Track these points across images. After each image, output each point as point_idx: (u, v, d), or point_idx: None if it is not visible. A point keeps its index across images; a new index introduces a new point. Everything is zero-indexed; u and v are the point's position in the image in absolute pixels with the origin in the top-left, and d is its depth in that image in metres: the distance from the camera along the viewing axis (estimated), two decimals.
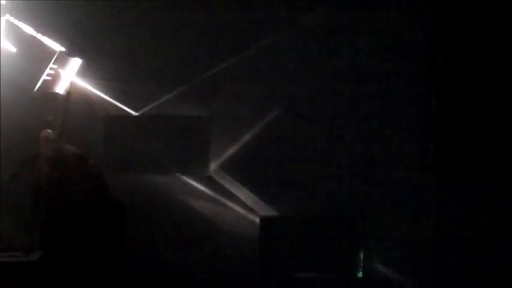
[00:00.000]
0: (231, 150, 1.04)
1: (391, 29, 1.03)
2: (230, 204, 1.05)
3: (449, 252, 1.04)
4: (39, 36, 1.01)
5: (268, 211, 1.05)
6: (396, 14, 1.03)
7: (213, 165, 1.04)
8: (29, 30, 1.00)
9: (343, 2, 1.03)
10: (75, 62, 1.03)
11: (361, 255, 1.03)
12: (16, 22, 1.00)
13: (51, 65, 1.01)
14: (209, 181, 1.05)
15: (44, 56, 1.01)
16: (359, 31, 1.03)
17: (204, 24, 1.03)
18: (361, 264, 1.03)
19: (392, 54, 1.03)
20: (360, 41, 1.03)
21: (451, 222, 1.04)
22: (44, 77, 1.01)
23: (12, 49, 1.00)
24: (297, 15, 1.03)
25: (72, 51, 1.02)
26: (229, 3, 1.03)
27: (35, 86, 1.01)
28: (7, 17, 0.99)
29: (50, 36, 1.01)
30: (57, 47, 1.02)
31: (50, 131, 0.71)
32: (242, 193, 1.05)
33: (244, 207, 1.05)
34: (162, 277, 1.05)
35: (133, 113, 1.05)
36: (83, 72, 1.03)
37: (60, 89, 1.03)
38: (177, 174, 1.05)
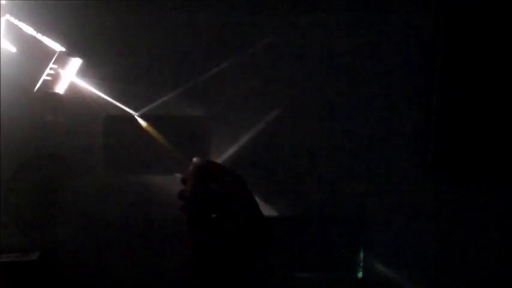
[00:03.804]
0: (231, 150, 1.04)
1: (391, 29, 1.03)
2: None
3: (449, 252, 1.04)
4: (39, 36, 1.01)
5: (268, 211, 1.05)
6: (396, 14, 1.03)
7: None
8: (29, 30, 1.00)
9: (343, 3, 1.03)
10: (75, 62, 1.03)
11: (361, 255, 1.04)
12: (16, 22, 1.00)
13: (51, 65, 1.01)
14: None
15: (44, 56, 1.01)
16: (359, 31, 1.03)
17: (204, 24, 1.03)
18: (361, 264, 1.03)
19: (392, 54, 1.03)
20: (360, 41, 1.03)
21: (451, 222, 1.04)
22: (44, 77, 1.01)
23: (12, 49, 1.00)
24: (296, 16, 1.03)
25: (72, 51, 1.02)
26: (228, 3, 1.03)
27: (35, 86, 1.01)
28: (7, 17, 0.99)
29: (50, 36, 1.01)
30: (57, 47, 1.02)
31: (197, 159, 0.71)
32: None
33: None
34: (161, 277, 1.05)
35: (133, 113, 1.05)
36: (83, 72, 1.03)
37: (60, 89, 1.03)
38: (177, 174, 1.05)
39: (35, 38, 1.00)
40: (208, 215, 0.64)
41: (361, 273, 1.03)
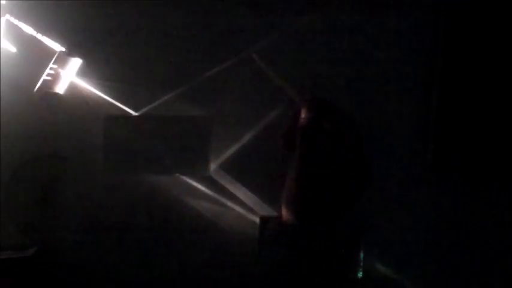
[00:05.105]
0: (231, 150, 1.04)
1: (391, 29, 1.03)
2: (230, 204, 1.05)
3: (449, 252, 1.04)
4: (39, 36, 1.01)
5: (268, 211, 1.05)
6: (396, 15, 1.03)
7: (213, 165, 1.04)
8: (29, 30, 1.01)
9: (343, 3, 1.03)
10: (75, 62, 1.03)
11: (361, 255, 1.03)
12: (16, 22, 1.00)
13: (51, 65, 1.01)
14: (209, 181, 1.05)
15: (44, 56, 1.01)
16: (359, 32, 1.03)
17: (204, 24, 1.03)
18: (361, 264, 1.03)
19: (392, 55, 1.03)
20: (360, 41, 1.03)
21: (450, 222, 1.04)
22: (44, 77, 1.01)
23: (12, 49, 1.00)
24: (296, 16, 1.03)
25: (72, 51, 1.02)
26: (229, 4, 1.03)
27: (35, 86, 1.01)
28: (7, 17, 0.99)
29: (50, 36, 1.01)
30: (57, 47, 1.02)
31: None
32: (242, 193, 1.05)
33: (244, 207, 1.05)
34: (161, 277, 1.05)
35: (133, 113, 1.05)
36: (83, 72, 1.03)
37: (60, 89, 1.03)
38: (177, 174, 1.05)
39: (35, 38, 1.00)
40: (315, 150, 0.64)
41: (361, 273, 1.03)
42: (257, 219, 1.05)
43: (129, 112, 1.04)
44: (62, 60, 1.02)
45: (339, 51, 1.03)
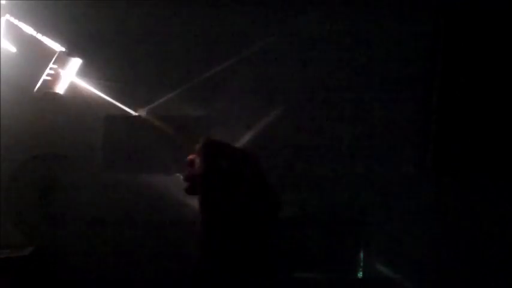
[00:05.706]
0: None
1: (391, 30, 1.03)
2: None
3: (449, 252, 1.04)
4: (39, 36, 1.01)
5: None
6: (396, 15, 1.03)
7: None
8: (29, 30, 1.01)
9: (343, 4, 1.03)
10: (75, 62, 1.03)
11: (361, 255, 1.03)
12: (16, 22, 1.00)
13: (51, 65, 1.01)
14: None
15: (44, 56, 1.01)
16: (359, 32, 1.03)
17: (203, 25, 1.03)
18: (361, 264, 1.03)
19: (392, 55, 1.03)
20: (360, 41, 1.03)
21: (451, 222, 1.04)
22: (44, 77, 1.01)
23: (12, 49, 1.00)
24: (296, 17, 1.03)
25: (72, 51, 1.02)
26: (228, 4, 1.03)
27: (35, 86, 1.01)
28: (7, 17, 0.99)
29: (50, 36, 1.01)
30: (57, 47, 1.02)
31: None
32: None
33: None
34: (161, 277, 1.05)
35: (133, 113, 1.04)
36: (83, 72, 1.03)
37: (60, 89, 1.03)
38: (177, 174, 1.05)
39: (35, 38, 1.00)
40: (218, 193, 0.63)
41: (361, 273, 1.03)
42: None
43: (129, 112, 1.04)
44: (62, 60, 1.02)
45: (338, 51, 1.03)
